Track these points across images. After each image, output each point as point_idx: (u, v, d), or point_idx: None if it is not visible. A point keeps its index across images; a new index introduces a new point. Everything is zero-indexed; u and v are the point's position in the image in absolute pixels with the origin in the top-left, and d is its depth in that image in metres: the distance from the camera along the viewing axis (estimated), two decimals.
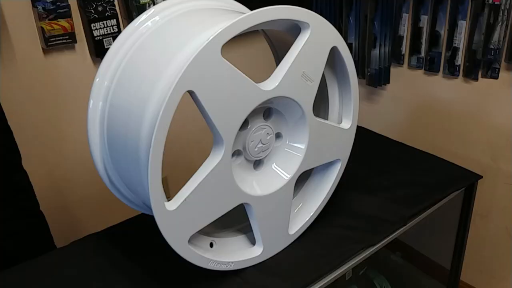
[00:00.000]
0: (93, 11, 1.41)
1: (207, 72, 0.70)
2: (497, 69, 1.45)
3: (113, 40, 1.48)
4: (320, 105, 0.98)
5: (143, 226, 0.95)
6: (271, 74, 0.82)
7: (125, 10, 1.49)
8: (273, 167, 0.90)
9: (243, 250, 0.91)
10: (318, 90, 0.87)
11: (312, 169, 0.96)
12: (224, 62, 0.72)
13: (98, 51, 1.46)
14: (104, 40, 1.46)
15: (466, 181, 1.12)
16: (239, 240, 0.93)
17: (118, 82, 0.81)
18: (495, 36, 1.39)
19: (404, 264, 1.58)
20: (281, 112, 0.87)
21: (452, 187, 1.09)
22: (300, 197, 1.00)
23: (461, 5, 1.46)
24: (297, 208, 0.98)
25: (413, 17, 1.60)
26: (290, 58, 0.80)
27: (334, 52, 0.87)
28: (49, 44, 1.35)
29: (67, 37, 1.38)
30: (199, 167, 0.78)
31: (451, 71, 1.55)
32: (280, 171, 0.90)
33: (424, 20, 1.57)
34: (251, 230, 0.93)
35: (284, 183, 0.89)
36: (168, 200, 0.75)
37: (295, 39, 0.83)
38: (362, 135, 1.18)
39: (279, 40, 0.98)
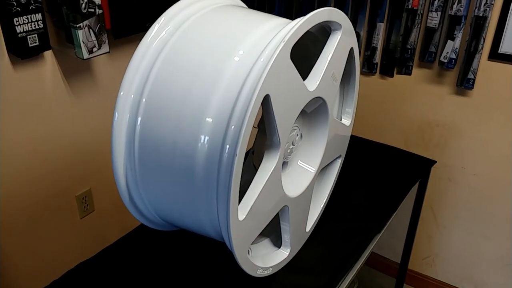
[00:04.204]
0: (15, 3, 1.20)
1: (279, 75, 0.68)
2: (410, 66, 1.65)
3: (39, 38, 1.29)
4: None
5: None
6: None
7: (48, 4, 1.31)
8: (298, 163, 0.91)
9: (273, 254, 0.90)
10: None
11: None
12: (291, 64, 0.70)
13: (21, 50, 1.25)
14: (28, 37, 1.26)
15: (425, 167, 1.27)
16: (264, 245, 0.92)
17: (153, 93, 0.72)
18: (412, 37, 1.59)
19: None
20: (306, 111, 0.88)
21: (418, 173, 1.23)
22: None
23: (379, 9, 1.62)
24: None
25: None
26: (325, 58, 0.82)
27: (348, 53, 0.91)
28: None
29: None
30: None
31: (370, 68, 1.72)
32: (306, 166, 0.90)
33: None
34: (272, 233, 0.92)
35: (311, 177, 0.89)
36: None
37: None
38: None
39: None
